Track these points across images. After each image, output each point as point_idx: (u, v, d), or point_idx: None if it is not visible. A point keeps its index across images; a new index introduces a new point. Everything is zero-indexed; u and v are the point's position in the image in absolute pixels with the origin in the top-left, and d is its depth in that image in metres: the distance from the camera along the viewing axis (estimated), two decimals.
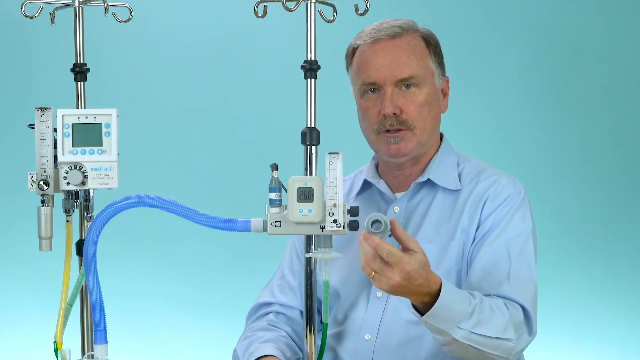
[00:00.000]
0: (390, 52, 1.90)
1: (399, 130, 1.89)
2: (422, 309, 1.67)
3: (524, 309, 1.79)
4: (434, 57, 1.95)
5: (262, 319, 2.01)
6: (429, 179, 1.94)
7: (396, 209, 1.95)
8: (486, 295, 1.77)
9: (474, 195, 1.91)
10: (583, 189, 4.10)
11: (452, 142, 2.04)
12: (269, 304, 2.03)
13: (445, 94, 1.99)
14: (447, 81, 2.00)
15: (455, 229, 1.89)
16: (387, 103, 1.88)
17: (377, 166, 2.04)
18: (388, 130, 1.90)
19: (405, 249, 1.60)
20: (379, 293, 1.90)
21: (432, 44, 1.95)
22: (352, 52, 1.97)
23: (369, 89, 1.91)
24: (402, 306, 1.86)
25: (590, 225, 4.10)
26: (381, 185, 1.99)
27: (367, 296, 1.91)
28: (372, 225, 1.57)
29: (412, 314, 1.70)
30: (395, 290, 1.59)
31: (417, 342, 1.86)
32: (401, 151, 1.91)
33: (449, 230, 1.89)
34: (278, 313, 2.01)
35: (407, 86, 1.89)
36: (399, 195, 1.97)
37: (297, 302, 2.01)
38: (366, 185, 2.02)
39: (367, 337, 1.89)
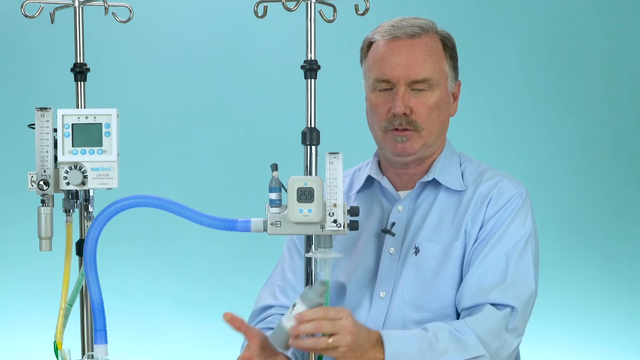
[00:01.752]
0: (407, 52, 1.88)
1: (406, 129, 1.89)
2: None
3: (513, 309, 1.79)
4: (449, 60, 1.94)
5: (264, 322, 1.98)
6: (433, 179, 1.94)
7: (400, 208, 1.94)
8: (473, 306, 1.79)
9: (477, 197, 1.90)
10: (583, 189, 4.11)
11: (453, 142, 2.04)
12: (270, 307, 2.02)
13: (455, 97, 1.99)
14: (459, 85, 1.99)
15: (458, 230, 1.88)
16: (398, 102, 1.87)
17: (379, 163, 2.03)
18: (396, 129, 1.89)
19: None
20: (382, 293, 1.89)
21: (449, 47, 1.94)
22: (367, 46, 1.95)
23: (382, 85, 1.91)
24: (406, 306, 1.86)
25: (590, 225, 4.10)
26: (385, 182, 1.98)
27: (370, 296, 1.91)
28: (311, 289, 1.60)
29: (416, 315, 1.69)
30: (354, 340, 1.61)
31: None
32: (406, 151, 1.90)
33: (451, 230, 1.89)
34: (281, 316, 2.00)
35: (420, 88, 1.89)
36: (402, 194, 1.97)
37: None
38: (368, 181, 2.01)
39: None
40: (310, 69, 1.67)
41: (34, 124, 1.64)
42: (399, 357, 1.66)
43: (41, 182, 1.62)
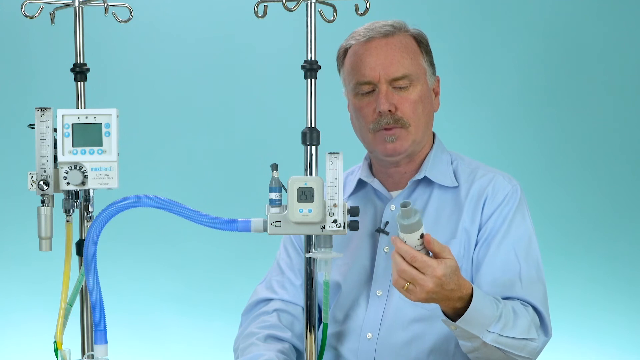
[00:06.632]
0: (384, 51, 1.90)
1: (394, 128, 1.89)
2: (452, 316, 1.69)
3: (537, 310, 1.81)
4: (425, 56, 1.96)
5: (262, 319, 1.98)
6: (425, 177, 1.94)
7: (393, 207, 1.95)
8: (504, 299, 1.80)
9: (473, 193, 1.92)
10: (582, 188, 4.10)
11: (450, 141, 2.04)
12: (268, 300, 2.02)
13: (436, 93, 2.00)
14: (438, 80, 2.01)
15: (455, 228, 1.89)
16: (382, 100, 1.88)
17: (370, 165, 2.04)
18: (385, 129, 1.90)
19: (436, 257, 1.61)
20: (379, 291, 1.90)
21: (423, 43, 1.96)
22: (343, 53, 1.97)
23: (363, 88, 1.92)
24: (404, 304, 1.87)
25: (590, 225, 4.10)
26: (376, 184, 1.98)
27: (367, 295, 1.92)
28: (401, 208, 1.56)
29: (413, 312, 1.69)
30: (430, 297, 1.60)
31: (419, 340, 1.87)
32: (397, 150, 1.91)
33: (449, 228, 1.90)
34: (281, 311, 1.99)
35: (401, 85, 1.90)
36: (394, 193, 1.97)
37: (299, 299, 1.99)
38: (360, 184, 2.02)
39: (369, 336, 1.89)
40: (310, 69, 1.67)
41: (34, 124, 1.64)
42: (475, 315, 1.66)
43: (41, 182, 1.62)
